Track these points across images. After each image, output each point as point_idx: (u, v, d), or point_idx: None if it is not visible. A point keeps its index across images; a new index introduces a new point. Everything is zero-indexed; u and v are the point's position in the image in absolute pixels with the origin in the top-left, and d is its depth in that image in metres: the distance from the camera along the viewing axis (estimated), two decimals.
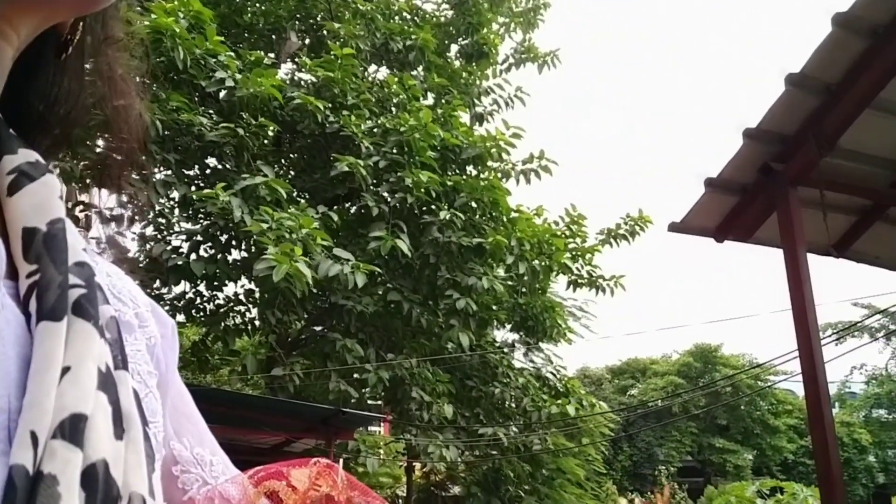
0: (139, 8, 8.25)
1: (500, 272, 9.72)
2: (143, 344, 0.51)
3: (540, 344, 10.74)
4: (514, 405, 9.92)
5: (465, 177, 9.64)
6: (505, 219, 9.58)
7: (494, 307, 10.08)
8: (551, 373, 10.75)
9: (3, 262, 0.37)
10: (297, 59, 10.19)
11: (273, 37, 10.85)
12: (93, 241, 0.55)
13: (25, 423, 0.33)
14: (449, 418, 8.59)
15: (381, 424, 11.89)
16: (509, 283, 9.67)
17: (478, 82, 11.81)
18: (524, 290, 10.03)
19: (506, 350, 10.52)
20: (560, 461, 10.99)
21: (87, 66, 0.54)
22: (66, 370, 0.36)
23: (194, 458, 0.58)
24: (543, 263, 9.56)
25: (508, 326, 10.71)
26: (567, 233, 10.63)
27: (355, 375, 8.51)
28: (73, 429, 0.34)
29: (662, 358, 34.38)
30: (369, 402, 9.84)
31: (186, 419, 0.59)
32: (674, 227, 4.48)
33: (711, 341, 32.09)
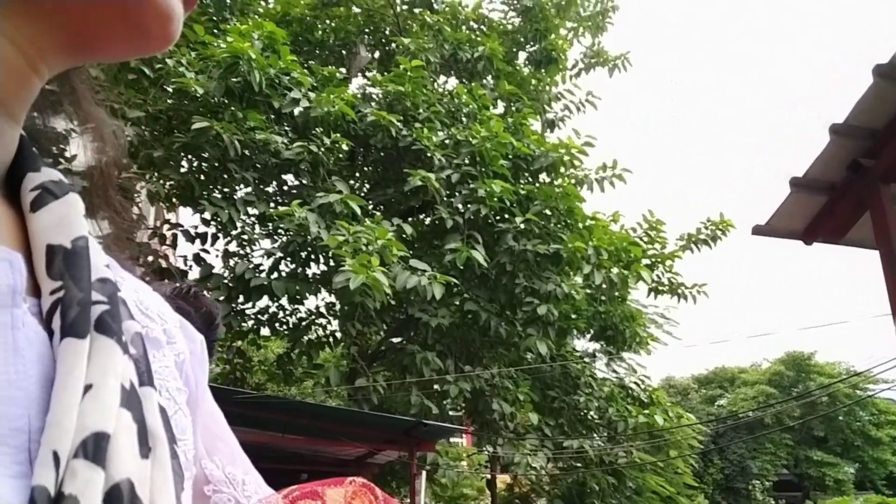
0: (215, 31, 8.56)
1: (579, 280, 9.56)
2: (172, 360, 0.50)
3: (622, 353, 10.49)
4: (597, 416, 9.69)
5: (538, 185, 9.54)
6: (581, 226, 9.42)
7: (574, 316, 9.90)
8: (635, 383, 10.47)
9: (24, 279, 0.36)
10: (367, 74, 10.33)
11: (343, 52, 11.05)
12: (123, 257, 0.53)
13: (47, 443, 0.33)
14: (534, 425, 8.46)
15: (463, 436, 11.82)
16: (587, 291, 9.49)
17: (547, 88, 11.71)
18: (603, 298, 9.81)
19: (587, 360, 10.30)
20: (647, 476, 10.64)
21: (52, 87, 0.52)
22: (88, 388, 0.35)
23: (226, 477, 0.58)
24: (622, 271, 9.34)
25: (588, 336, 10.49)
26: (645, 239, 10.37)
27: (435, 387, 8.50)
28: (95, 448, 0.33)
29: (752, 367, 33.17)
30: (451, 412, 9.80)
31: (218, 437, 0.59)
32: (758, 231, 4.26)
33: (804, 349, 30.74)
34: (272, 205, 8.18)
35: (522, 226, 8.56)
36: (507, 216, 8.75)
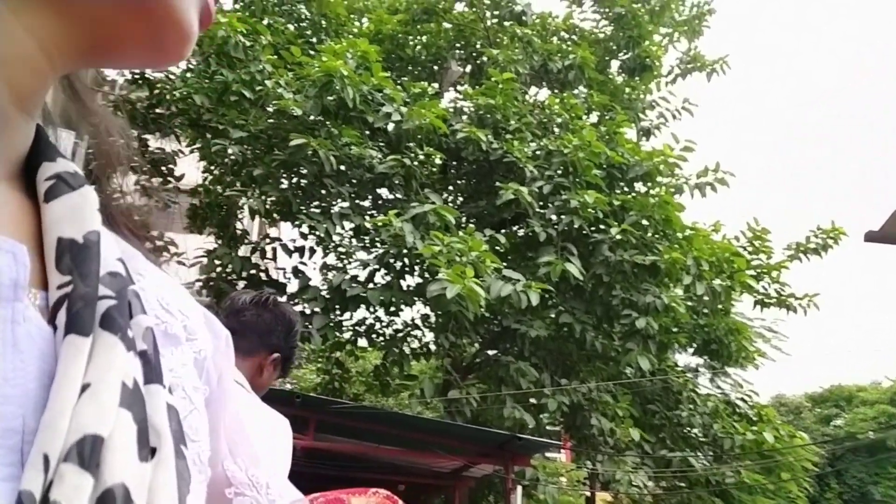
0: (311, 52, 8.84)
1: (679, 292, 9.25)
2: (191, 357, 0.48)
3: (726, 368, 10.04)
4: (701, 432, 9.30)
5: (633, 195, 9.32)
6: (679, 236, 9.12)
7: (675, 329, 9.58)
8: (741, 399, 9.98)
9: (28, 272, 0.35)
10: (458, 88, 10.42)
11: (435, 67, 11.20)
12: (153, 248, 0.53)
13: (39, 445, 0.31)
14: (635, 440, 8.21)
15: (562, 451, 11.61)
16: (689, 303, 9.18)
17: (642, 96, 11.46)
18: (705, 310, 9.43)
19: (689, 374, 9.91)
20: (757, 499, 10.09)
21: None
22: (85, 387, 0.34)
23: (249, 479, 0.56)
24: (724, 283, 8.95)
25: (690, 350, 10.10)
26: (749, 249, 9.93)
27: (532, 401, 8.39)
28: (86, 451, 0.32)
29: (871, 385, 31.13)
30: (548, 427, 9.64)
31: (242, 437, 0.57)
32: (872, 237, 3.98)
33: None
34: (367, 218, 8.32)
35: (618, 236, 8.36)
36: (601, 227, 8.57)
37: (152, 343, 0.40)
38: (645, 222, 8.89)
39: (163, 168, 9.90)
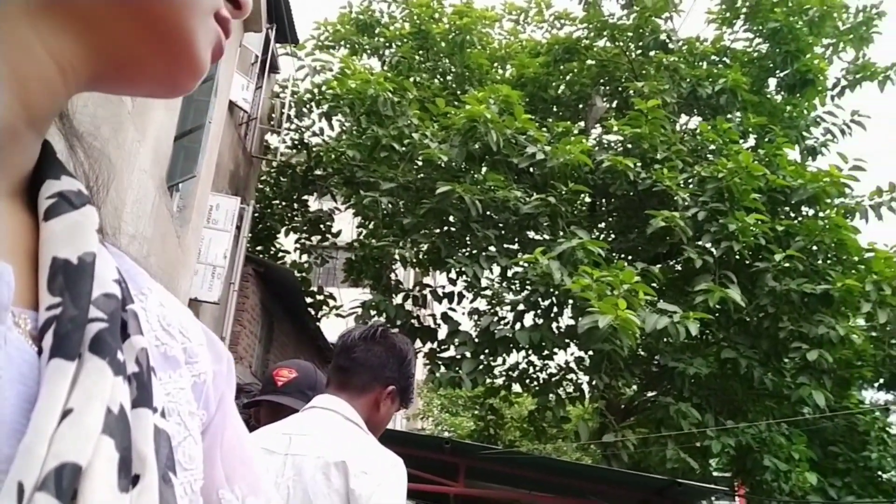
0: (456, 103, 9.14)
1: (861, 322, 8.43)
2: (189, 382, 0.47)
3: None
4: None
5: (799, 219, 8.67)
6: (855, 260, 8.34)
7: (857, 363, 8.71)
8: None
9: (11, 293, 0.34)
10: (604, 124, 10.28)
11: (580, 105, 11.13)
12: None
13: (14, 473, 0.30)
14: (813, 486, 7.49)
15: (737, 499, 10.82)
16: (872, 333, 8.33)
17: (805, 113, 10.70)
18: (893, 340, 8.51)
19: (878, 412, 8.94)
20: None
21: None
22: (67, 413, 0.33)
23: None
24: None
25: (877, 385, 9.13)
26: None
27: (696, 444, 7.93)
28: (62, 480, 0.31)
29: None
30: (714, 473, 9.05)
31: (241, 464, 0.55)
32: None
33: None
34: (515, 259, 8.36)
35: (785, 264, 7.79)
36: (764, 255, 8.03)
37: (146, 365, 0.39)
38: (814, 248, 8.24)
39: (321, 226, 10.57)
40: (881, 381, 8.93)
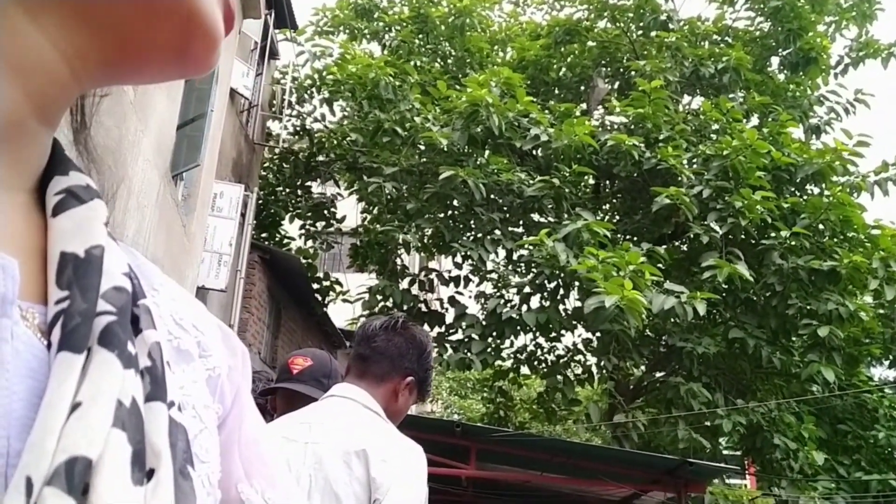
0: (457, 86, 9.09)
1: (868, 299, 8.42)
2: (203, 375, 0.47)
3: None
4: None
5: (804, 197, 8.64)
6: (862, 237, 8.32)
7: (866, 341, 8.70)
8: None
9: (16, 287, 0.33)
10: (606, 105, 10.22)
11: (581, 87, 11.07)
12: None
13: (23, 467, 0.30)
14: (819, 465, 7.50)
15: (747, 477, 10.86)
16: (880, 311, 8.31)
17: (808, 92, 10.65)
18: None
19: (887, 389, 8.95)
20: None
21: None
22: (76, 406, 0.32)
23: (265, 502, 0.53)
24: None
25: (886, 362, 9.13)
26: None
27: (706, 423, 7.93)
28: (73, 474, 0.30)
29: None
30: (725, 451, 9.05)
31: (258, 458, 0.54)
32: None
33: None
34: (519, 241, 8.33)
35: (791, 241, 7.77)
36: (770, 232, 8.00)
37: (160, 359, 0.39)
38: (821, 226, 8.21)
39: (325, 212, 10.53)
40: (890, 358, 8.91)
